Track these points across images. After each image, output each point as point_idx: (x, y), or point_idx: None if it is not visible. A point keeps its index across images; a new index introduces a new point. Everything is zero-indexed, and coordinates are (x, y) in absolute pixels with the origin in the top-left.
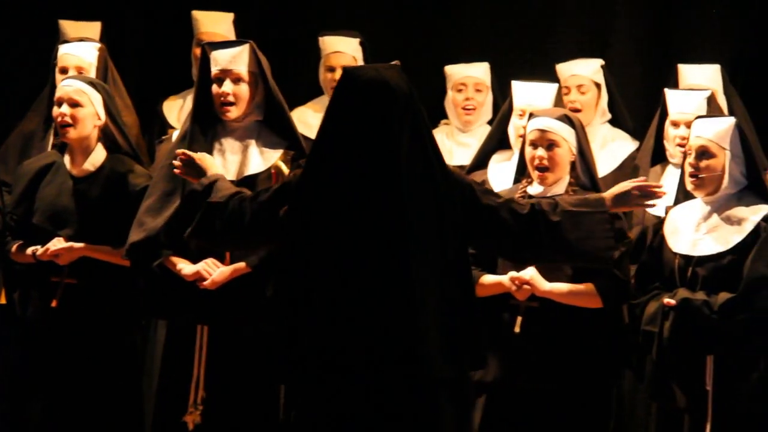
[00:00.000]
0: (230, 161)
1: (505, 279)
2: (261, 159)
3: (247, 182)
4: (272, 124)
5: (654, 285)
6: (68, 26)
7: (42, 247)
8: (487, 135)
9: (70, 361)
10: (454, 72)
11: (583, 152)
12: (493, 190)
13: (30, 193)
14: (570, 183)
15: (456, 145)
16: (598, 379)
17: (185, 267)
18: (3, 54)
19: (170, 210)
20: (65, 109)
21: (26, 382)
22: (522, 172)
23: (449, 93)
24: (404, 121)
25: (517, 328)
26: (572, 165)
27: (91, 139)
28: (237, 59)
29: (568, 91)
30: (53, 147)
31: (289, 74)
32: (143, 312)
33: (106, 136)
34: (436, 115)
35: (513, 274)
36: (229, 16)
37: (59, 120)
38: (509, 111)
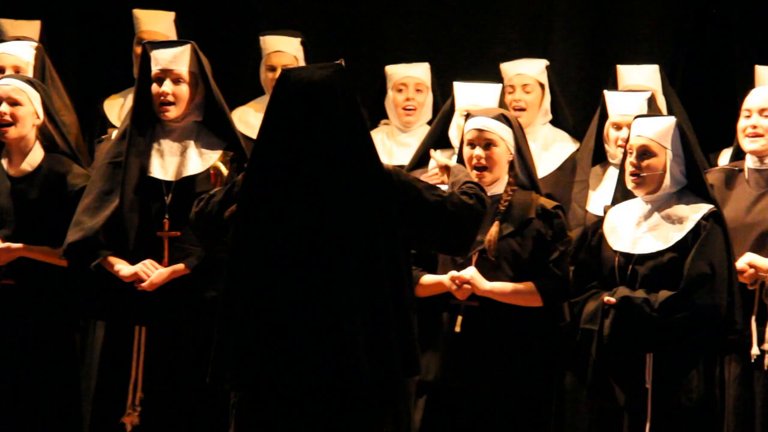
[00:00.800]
0: (169, 162)
1: (445, 279)
2: (200, 160)
3: (185, 183)
4: (211, 125)
5: (592, 284)
6: (7, 25)
7: None
8: (427, 134)
9: (8, 361)
10: (395, 72)
11: (522, 151)
12: (435, 185)
13: None
14: (509, 182)
15: (396, 144)
16: (538, 377)
17: (123, 268)
18: None
19: (108, 209)
20: (5, 107)
21: None
22: None
23: (389, 93)
24: (341, 122)
25: (457, 328)
26: (510, 164)
27: (29, 139)
28: (178, 59)
29: (512, 90)
30: None
31: (230, 73)
32: (81, 313)
33: (44, 136)
34: (377, 114)
35: (453, 273)
36: (170, 15)
37: None
38: (450, 111)
